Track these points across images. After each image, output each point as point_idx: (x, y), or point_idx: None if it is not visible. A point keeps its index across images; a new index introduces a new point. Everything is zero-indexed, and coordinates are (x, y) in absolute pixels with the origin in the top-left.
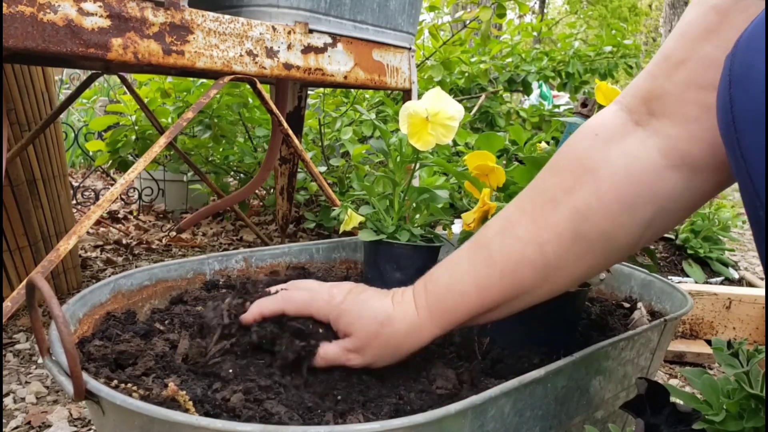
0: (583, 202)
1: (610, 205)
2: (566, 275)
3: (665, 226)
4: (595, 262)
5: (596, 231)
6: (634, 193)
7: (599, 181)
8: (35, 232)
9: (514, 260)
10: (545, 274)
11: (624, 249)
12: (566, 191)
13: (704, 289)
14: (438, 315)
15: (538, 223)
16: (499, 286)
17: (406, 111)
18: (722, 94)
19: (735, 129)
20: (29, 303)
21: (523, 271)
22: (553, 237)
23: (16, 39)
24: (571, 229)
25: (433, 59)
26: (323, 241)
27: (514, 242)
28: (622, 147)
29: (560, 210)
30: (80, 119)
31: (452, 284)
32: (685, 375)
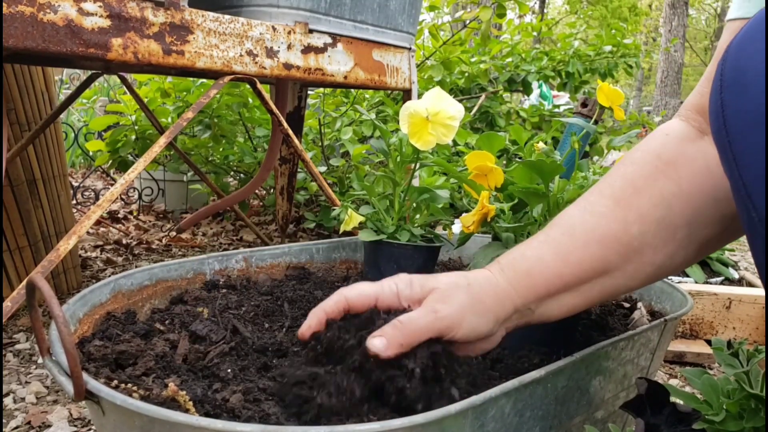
0: (667, 189)
1: (693, 196)
2: (648, 261)
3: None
4: (676, 252)
5: (681, 219)
6: (716, 187)
7: (680, 171)
8: (35, 232)
9: (598, 233)
10: (629, 254)
11: (705, 243)
12: (647, 179)
13: (704, 289)
14: (513, 276)
15: (620, 203)
16: (582, 257)
17: (407, 111)
18: (714, 99)
19: (727, 133)
20: (29, 303)
21: (608, 245)
22: (638, 218)
23: (16, 39)
24: (655, 213)
25: (433, 59)
26: (323, 241)
27: (597, 218)
28: (698, 145)
29: (643, 195)
30: (80, 119)
31: (527, 251)
32: (685, 375)
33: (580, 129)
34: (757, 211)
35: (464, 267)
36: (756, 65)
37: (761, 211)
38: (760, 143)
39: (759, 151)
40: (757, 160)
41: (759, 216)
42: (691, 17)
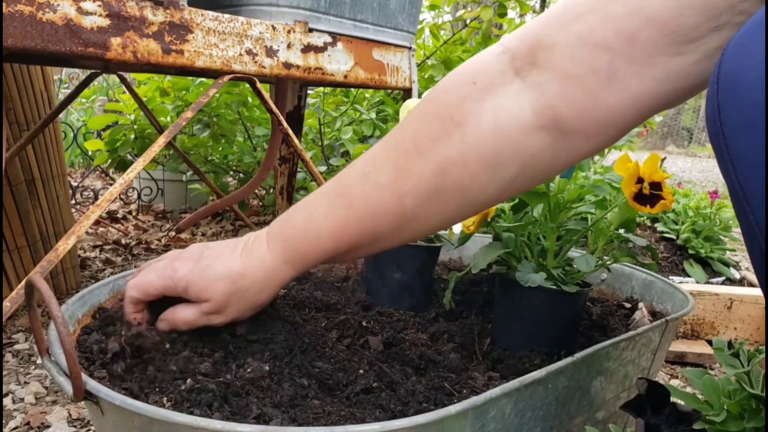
0: (446, 156)
1: (471, 163)
2: (420, 226)
3: (524, 188)
4: (450, 215)
5: (455, 186)
6: (497, 151)
7: (465, 136)
8: (34, 232)
9: (372, 207)
10: (400, 224)
11: (480, 205)
12: (432, 141)
13: (705, 289)
14: (293, 258)
15: (398, 172)
16: (355, 230)
17: (407, 108)
18: (710, 101)
19: (723, 136)
20: (28, 303)
21: (381, 219)
22: (413, 189)
23: (15, 38)
24: (431, 183)
25: (434, 58)
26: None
27: (375, 189)
28: (496, 100)
29: (423, 161)
30: (79, 119)
31: (308, 226)
32: (686, 375)
33: None
34: (755, 215)
35: (465, 267)
36: (752, 67)
37: (759, 216)
38: (758, 146)
39: (756, 154)
40: (755, 162)
41: (756, 220)
42: None
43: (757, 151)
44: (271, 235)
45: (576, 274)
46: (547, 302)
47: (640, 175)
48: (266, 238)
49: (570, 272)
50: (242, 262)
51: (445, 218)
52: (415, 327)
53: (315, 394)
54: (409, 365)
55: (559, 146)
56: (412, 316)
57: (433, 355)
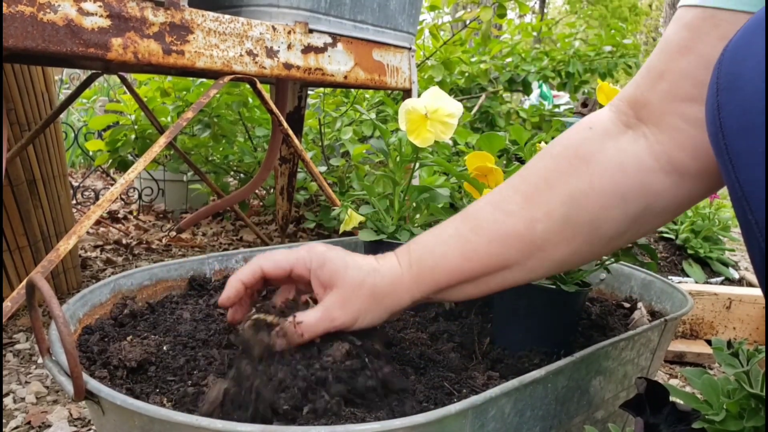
0: (577, 187)
1: (602, 194)
2: (549, 257)
3: (650, 226)
4: (580, 248)
5: (586, 217)
6: (626, 186)
7: (594, 170)
8: (35, 232)
9: (502, 231)
10: (531, 251)
11: (608, 241)
12: (561, 175)
13: (704, 289)
14: (418, 273)
15: (530, 201)
16: (484, 254)
17: (405, 108)
18: (710, 102)
19: (723, 135)
20: (29, 303)
21: (510, 243)
22: (544, 216)
23: (16, 39)
24: (562, 211)
25: (434, 59)
26: (323, 241)
27: (505, 216)
28: (616, 142)
29: (554, 192)
30: (80, 119)
31: (436, 245)
32: (685, 375)
33: None
34: (755, 214)
35: None
36: (752, 67)
37: (758, 215)
38: (757, 146)
39: (756, 154)
40: (755, 162)
41: (756, 219)
42: None
43: (756, 151)
44: (399, 251)
45: (575, 273)
46: (547, 302)
47: None
48: (395, 254)
49: (569, 272)
50: (377, 261)
51: (574, 250)
52: (415, 326)
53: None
54: (408, 365)
55: (680, 187)
56: (412, 316)
57: (433, 354)
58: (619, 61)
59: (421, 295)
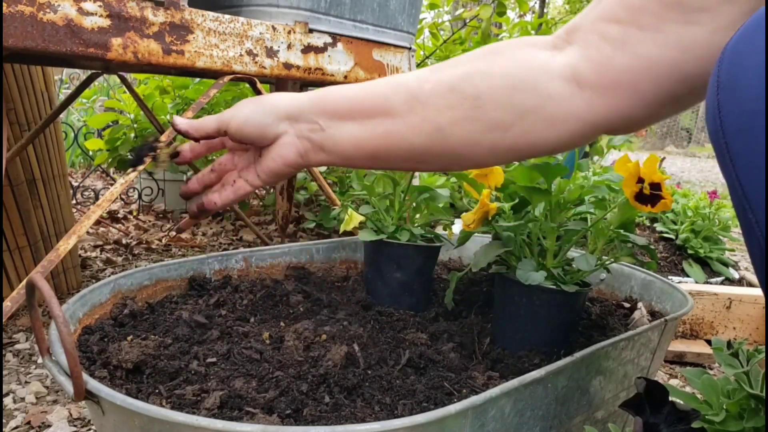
0: (475, 68)
1: (493, 77)
2: (430, 118)
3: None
4: (459, 118)
5: (472, 91)
6: (520, 77)
7: (498, 60)
8: (35, 232)
9: (395, 81)
10: (412, 103)
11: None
12: (469, 59)
13: (704, 289)
14: (313, 95)
15: (433, 71)
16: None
17: None
18: (710, 100)
19: (723, 134)
20: (29, 303)
21: (397, 90)
22: (435, 79)
23: (16, 39)
24: (453, 81)
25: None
26: (323, 241)
27: (406, 76)
28: (533, 51)
29: (455, 69)
30: (80, 119)
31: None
32: (685, 375)
33: None
34: (754, 213)
35: (464, 266)
36: (753, 65)
37: (759, 214)
38: (758, 145)
39: (757, 152)
40: (755, 160)
41: (756, 218)
42: None
43: (757, 149)
44: None
45: (575, 273)
46: (547, 302)
47: (640, 176)
48: None
49: (569, 272)
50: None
51: (455, 119)
52: (415, 326)
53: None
54: (408, 365)
55: (576, 97)
56: (412, 316)
57: (433, 354)
58: None
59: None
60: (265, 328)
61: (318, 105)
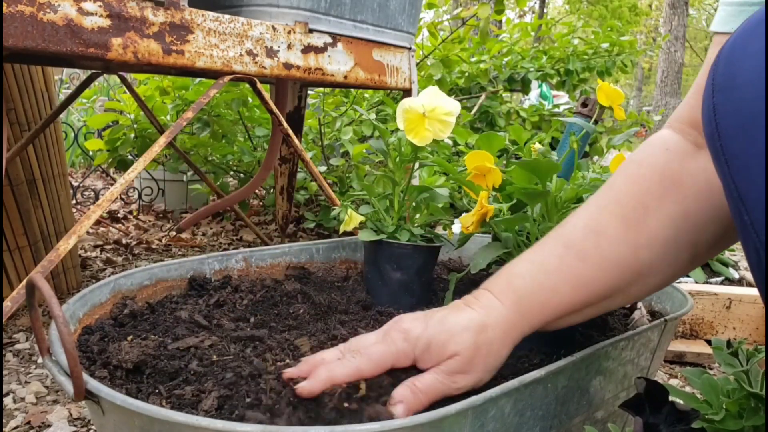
0: (674, 211)
1: (697, 216)
2: (650, 282)
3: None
4: (682, 268)
5: (686, 239)
6: (715, 206)
7: (685, 192)
8: (35, 232)
9: (609, 260)
10: (635, 278)
11: (705, 256)
12: (655, 200)
13: (704, 289)
14: (529, 311)
15: (631, 227)
16: (594, 285)
17: (403, 107)
18: (706, 103)
19: (719, 136)
20: (29, 303)
21: (619, 272)
22: (647, 242)
23: (16, 39)
24: (664, 236)
25: (433, 57)
26: (323, 241)
27: (609, 243)
28: (698, 161)
29: (652, 218)
30: (80, 119)
31: (543, 280)
32: (685, 375)
33: (580, 129)
34: (750, 214)
35: (464, 267)
36: (748, 67)
37: (754, 215)
38: (753, 147)
39: (752, 155)
40: (751, 162)
41: (751, 219)
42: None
43: (753, 151)
44: (497, 290)
45: None
46: None
47: None
48: (492, 292)
49: None
50: (479, 313)
51: (673, 273)
52: None
53: None
54: None
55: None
56: None
57: None
58: (617, 59)
59: (530, 330)
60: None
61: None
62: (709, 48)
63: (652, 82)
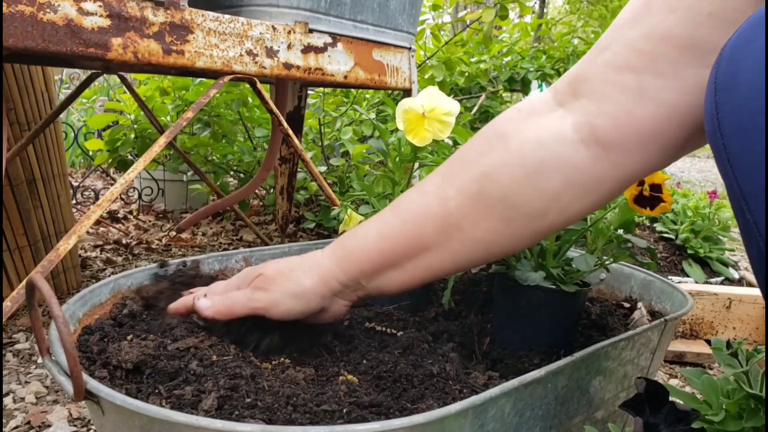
0: (490, 164)
1: (513, 169)
2: (468, 236)
3: (576, 207)
4: (496, 227)
5: (497, 192)
6: (538, 159)
7: (509, 146)
8: (35, 232)
9: (416, 210)
10: (447, 230)
11: (529, 219)
12: (477, 153)
13: (704, 289)
14: (340, 256)
15: (446, 180)
16: (399, 234)
17: (402, 107)
18: (709, 101)
19: (721, 135)
20: (29, 303)
21: (425, 222)
22: (456, 193)
23: (16, 39)
24: (474, 187)
25: (435, 59)
26: (323, 241)
27: (421, 196)
28: (539, 121)
29: (468, 169)
30: (80, 119)
31: (357, 231)
32: (685, 375)
33: None
34: (753, 213)
35: None
36: (751, 66)
37: (756, 214)
38: (756, 146)
39: (755, 154)
40: (754, 161)
41: (754, 218)
42: None
43: (755, 150)
44: (325, 248)
45: (575, 273)
46: (547, 302)
47: None
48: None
49: (569, 272)
50: (300, 259)
51: (491, 228)
52: (415, 326)
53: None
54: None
55: (602, 160)
56: (412, 316)
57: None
58: None
59: (346, 278)
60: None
61: (354, 270)
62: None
63: None
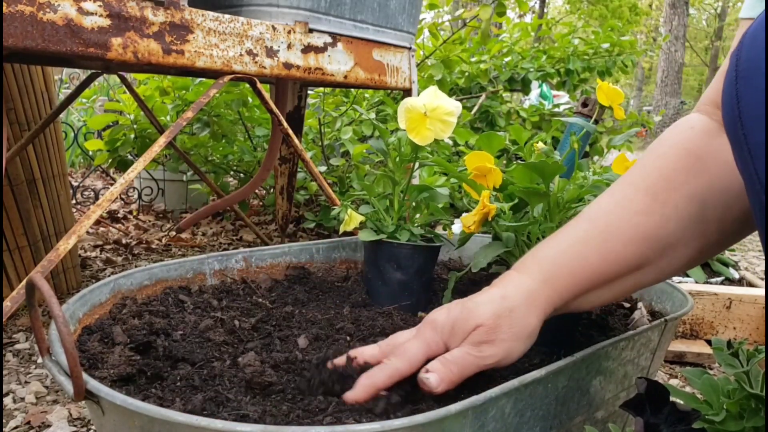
0: (700, 185)
1: (723, 191)
2: (680, 255)
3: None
4: (706, 246)
5: (713, 214)
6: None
7: (709, 167)
8: (35, 232)
9: (635, 230)
10: (663, 250)
11: (734, 235)
12: (680, 174)
13: (704, 289)
14: (555, 279)
15: (656, 199)
16: (622, 254)
17: (404, 106)
18: (728, 90)
19: (741, 124)
20: (29, 303)
21: (646, 243)
22: (675, 214)
23: (16, 38)
24: (690, 209)
25: (433, 58)
26: (323, 241)
27: (635, 214)
28: (723, 139)
29: (678, 191)
30: (80, 119)
31: (568, 250)
32: (685, 375)
33: (580, 129)
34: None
35: (464, 267)
36: None
37: None
38: None
39: None
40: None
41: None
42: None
43: None
44: (520, 266)
45: None
46: None
47: None
48: (515, 269)
49: None
50: (498, 288)
51: (703, 247)
52: None
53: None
54: None
55: None
56: (412, 316)
57: None
58: (617, 59)
59: (561, 302)
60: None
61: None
62: (735, 34)
63: (652, 82)
